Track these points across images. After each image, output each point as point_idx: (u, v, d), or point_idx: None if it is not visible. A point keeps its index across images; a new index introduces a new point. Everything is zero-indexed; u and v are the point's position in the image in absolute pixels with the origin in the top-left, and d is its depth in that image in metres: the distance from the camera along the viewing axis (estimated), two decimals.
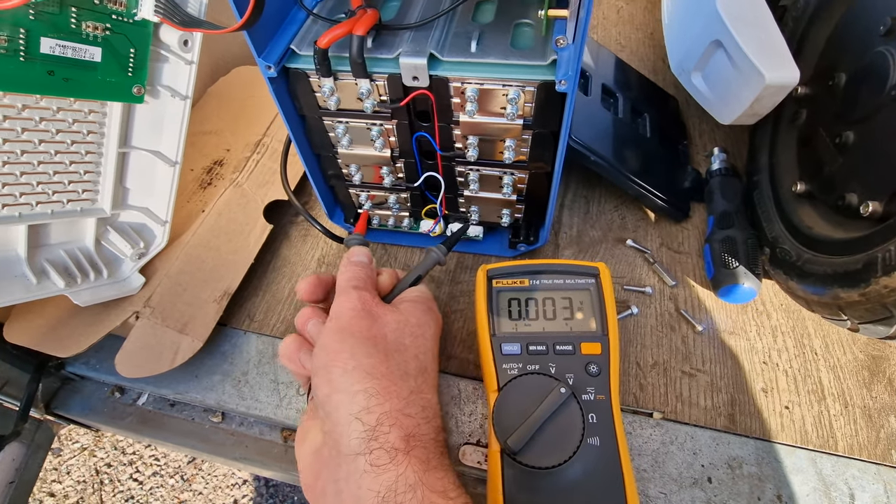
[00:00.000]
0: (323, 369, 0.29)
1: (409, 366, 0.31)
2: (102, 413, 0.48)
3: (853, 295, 0.31)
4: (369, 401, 0.28)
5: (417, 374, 0.31)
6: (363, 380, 0.28)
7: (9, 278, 0.37)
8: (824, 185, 0.38)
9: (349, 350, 0.29)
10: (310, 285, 0.36)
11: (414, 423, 0.28)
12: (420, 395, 0.30)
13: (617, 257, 0.48)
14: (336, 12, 0.37)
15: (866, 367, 0.40)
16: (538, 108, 0.34)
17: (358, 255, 0.37)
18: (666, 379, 0.40)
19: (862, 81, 0.35)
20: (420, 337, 0.33)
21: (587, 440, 0.33)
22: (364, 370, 0.28)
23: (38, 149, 0.36)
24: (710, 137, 0.57)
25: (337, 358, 0.29)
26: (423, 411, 0.29)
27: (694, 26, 0.47)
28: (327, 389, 0.29)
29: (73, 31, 0.33)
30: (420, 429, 0.28)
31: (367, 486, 0.25)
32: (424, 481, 0.26)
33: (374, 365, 0.29)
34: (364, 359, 0.29)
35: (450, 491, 0.26)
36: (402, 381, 0.29)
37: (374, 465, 0.26)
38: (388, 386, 0.28)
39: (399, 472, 0.26)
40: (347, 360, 0.29)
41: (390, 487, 0.25)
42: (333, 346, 0.30)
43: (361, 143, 0.40)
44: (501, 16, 0.35)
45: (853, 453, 0.36)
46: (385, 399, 0.28)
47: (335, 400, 0.28)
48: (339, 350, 0.29)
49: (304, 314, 0.35)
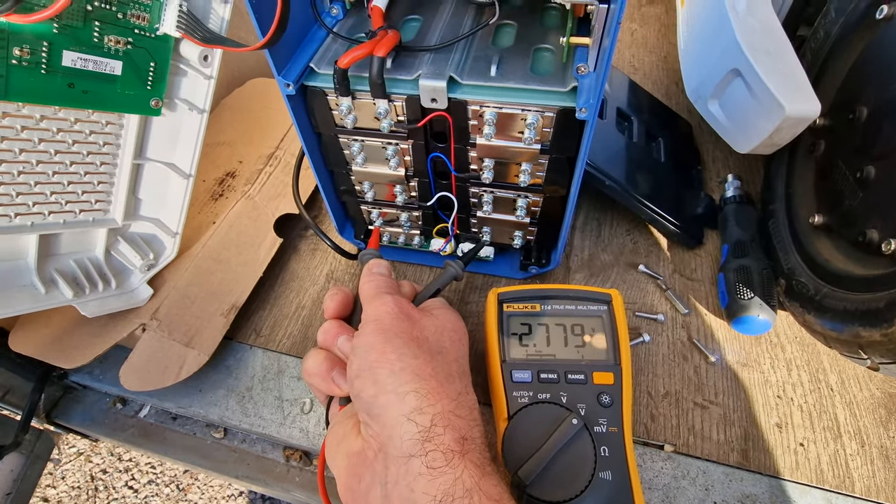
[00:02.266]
0: (368, 370, 0.28)
1: (451, 368, 0.30)
2: (103, 424, 0.47)
3: (875, 334, 0.30)
4: (421, 401, 0.26)
5: (461, 376, 0.31)
6: (412, 380, 0.27)
7: (17, 288, 0.37)
8: (844, 218, 0.38)
9: (395, 351, 0.28)
10: (339, 303, 0.35)
11: (466, 426, 0.27)
12: (467, 396, 0.29)
13: (628, 283, 0.47)
14: (355, 31, 0.37)
15: (883, 406, 0.39)
16: (556, 133, 0.34)
17: (378, 266, 0.36)
18: (678, 410, 0.39)
19: (884, 116, 0.35)
20: (458, 341, 0.33)
21: (599, 474, 0.32)
22: (412, 371, 0.28)
23: (53, 159, 0.36)
24: (723, 164, 0.57)
25: (383, 358, 0.28)
26: (471, 413, 0.29)
27: (712, 54, 0.47)
28: (374, 391, 0.27)
29: (96, 45, 0.33)
30: (472, 431, 0.27)
31: (422, 490, 0.24)
32: (481, 486, 0.25)
33: (420, 366, 0.28)
34: (410, 359, 0.28)
35: (505, 500, 0.25)
36: (448, 383, 0.29)
37: (430, 468, 0.25)
38: (437, 387, 0.28)
39: (456, 476, 0.25)
40: (394, 361, 0.28)
41: (447, 491, 0.24)
42: (378, 346, 0.29)
43: (376, 161, 0.40)
44: (521, 41, 0.35)
45: (870, 495, 0.35)
46: (436, 399, 0.27)
47: (383, 401, 0.27)
48: (385, 350, 0.28)
49: (332, 330, 0.34)
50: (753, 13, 0.43)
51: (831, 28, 0.42)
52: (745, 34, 0.42)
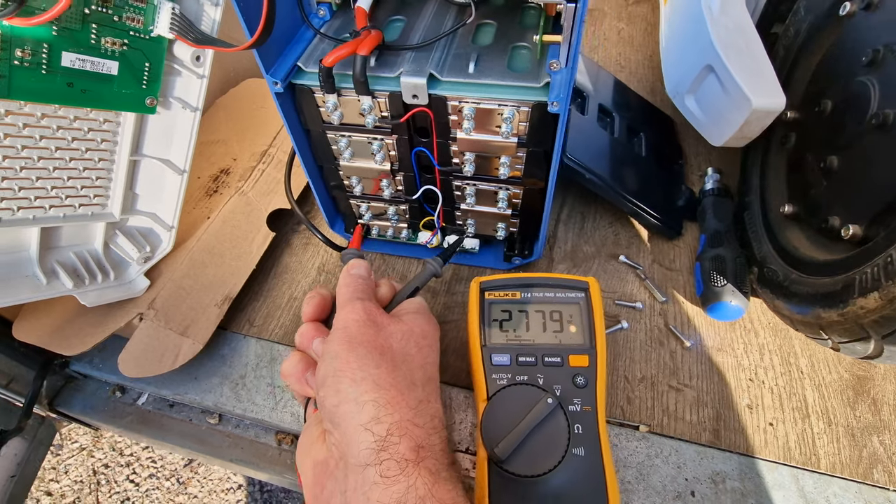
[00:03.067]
0: (332, 379, 0.29)
1: (415, 375, 0.31)
2: (103, 412, 0.49)
3: (832, 315, 0.32)
4: (378, 411, 0.27)
5: (424, 383, 0.31)
6: (372, 390, 0.28)
7: (20, 278, 0.39)
8: (810, 207, 0.39)
9: (358, 360, 0.29)
10: (316, 307, 0.36)
11: (423, 434, 0.28)
12: (428, 404, 0.30)
13: (609, 272, 0.49)
14: (342, 32, 0.39)
15: (851, 387, 0.40)
16: (532, 127, 0.36)
17: (357, 267, 0.37)
18: (653, 393, 0.41)
19: (846, 109, 0.36)
20: (425, 347, 0.33)
21: (572, 450, 0.33)
22: (373, 380, 0.28)
23: (54, 155, 0.37)
24: (705, 158, 0.58)
25: (346, 368, 0.29)
26: (431, 421, 0.29)
27: (689, 51, 0.49)
28: (335, 400, 0.28)
29: (93, 46, 0.34)
30: (430, 439, 0.28)
31: (377, 498, 0.25)
32: (434, 493, 0.26)
33: (381, 375, 0.29)
34: (372, 369, 0.29)
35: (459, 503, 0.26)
36: (409, 392, 0.29)
37: (384, 477, 0.25)
38: (397, 396, 0.28)
39: (409, 484, 0.25)
40: (356, 371, 0.29)
41: (400, 500, 0.25)
42: (343, 355, 0.29)
43: (363, 156, 0.42)
44: (500, 39, 0.37)
45: (835, 471, 0.36)
46: (394, 409, 0.28)
47: (343, 410, 0.28)
48: (348, 360, 0.29)
49: (308, 333, 0.34)
50: (727, 13, 0.45)
51: (801, 25, 0.44)
52: (719, 32, 0.44)
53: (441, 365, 0.43)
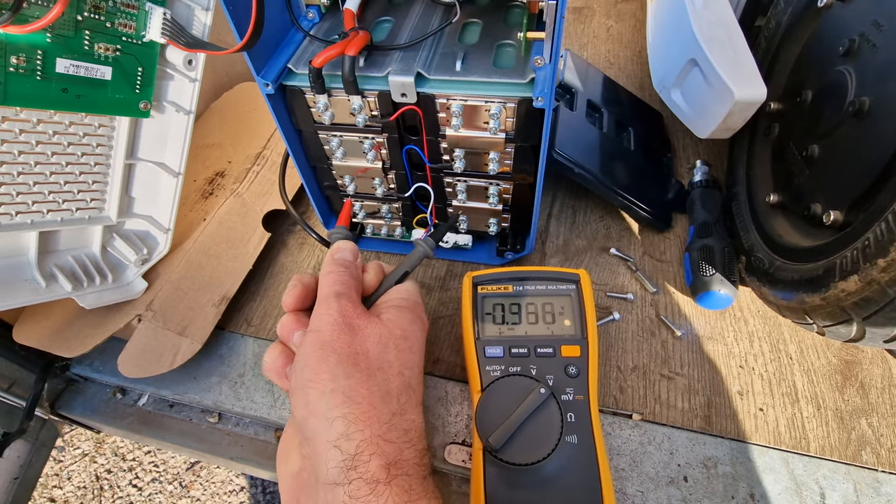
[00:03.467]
0: (301, 390, 0.28)
1: (391, 384, 0.29)
2: (104, 413, 0.49)
3: (815, 299, 0.33)
4: (348, 427, 0.26)
5: (401, 392, 0.30)
6: (342, 404, 0.27)
7: (19, 282, 0.39)
8: (794, 195, 0.40)
9: (328, 370, 0.28)
10: (297, 298, 0.34)
11: (396, 450, 0.27)
12: (403, 416, 0.29)
13: (601, 265, 0.50)
14: (331, 34, 0.40)
15: (839, 372, 0.41)
16: (519, 122, 0.37)
17: (342, 251, 0.34)
18: (645, 382, 0.42)
19: (825, 98, 0.37)
20: (406, 350, 0.31)
21: (565, 438, 0.34)
22: (343, 393, 0.27)
23: (50, 160, 0.38)
24: (693, 151, 0.59)
25: (316, 379, 0.27)
26: (405, 435, 0.28)
27: (673, 46, 0.49)
28: (304, 412, 0.27)
29: (87, 52, 0.35)
30: (402, 454, 0.27)
31: None
32: None
33: (353, 387, 0.27)
34: (343, 380, 0.27)
35: None
36: (383, 404, 0.28)
37: (354, 497, 0.25)
38: (369, 410, 0.27)
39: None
40: (326, 382, 0.27)
41: None
42: (312, 364, 0.28)
43: (354, 155, 0.43)
44: (486, 37, 0.38)
45: (824, 454, 0.37)
46: (365, 425, 0.26)
47: (312, 425, 0.27)
48: (318, 370, 0.28)
49: (288, 324, 0.33)
50: (710, 7, 0.46)
51: (781, 17, 0.44)
52: (701, 26, 0.44)
53: (435, 359, 0.44)
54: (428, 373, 0.44)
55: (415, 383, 0.31)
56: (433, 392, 0.43)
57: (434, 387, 0.43)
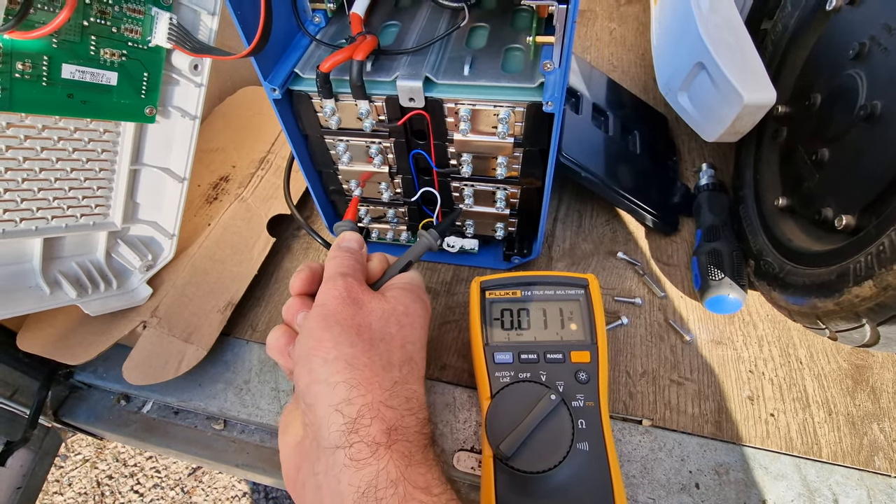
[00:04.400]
0: (304, 358, 0.28)
1: (393, 356, 0.30)
2: (108, 421, 0.49)
3: (829, 304, 0.33)
4: (350, 392, 0.27)
5: (402, 363, 0.30)
6: (344, 370, 0.27)
7: (23, 289, 0.39)
8: (803, 199, 0.40)
9: (332, 339, 0.28)
10: (304, 281, 0.34)
11: (397, 416, 0.27)
12: (405, 385, 0.29)
13: (608, 269, 0.49)
14: (338, 38, 0.39)
15: (850, 376, 0.41)
16: (527, 127, 0.36)
17: (348, 240, 0.35)
18: (655, 387, 0.41)
19: (834, 102, 0.37)
20: (408, 326, 0.32)
21: (577, 445, 0.34)
22: (345, 360, 0.27)
23: (55, 166, 0.38)
24: (698, 154, 0.59)
25: (319, 347, 0.28)
26: (406, 402, 0.28)
27: (680, 49, 0.49)
28: (307, 379, 0.28)
29: (92, 58, 0.35)
30: (403, 421, 0.27)
31: (347, 481, 0.25)
32: (407, 476, 0.25)
33: (356, 355, 0.28)
34: (346, 348, 0.28)
35: (433, 487, 0.26)
36: (385, 372, 0.28)
37: (354, 460, 0.25)
38: (370, 377, 0.27)
39: (380, 467, 0.25)
40: (329, 350, 0.28)
41: (370, 483, 0.25)
42: (316, 333, 0.29)
43: (361, 159, 0.42)
44: (493, 41, 0.37)
45: (837, 460, 0.37)
46: (367, 390, 0.27)
47: (315, 390, 0.27)
48: (321, 338, 0.28)
49: (293, 305, 0.34)
50: (716, 10, 0.46)
51: (788, 21, 0.44)
52: (708, 30, 0.44)
53: (442, 364, 0.44)
54: (435, 378, 0.43)
55: (417, 358, 0.32)
56: (441, 398, 0.42)
57: (442, 393, 0.42)
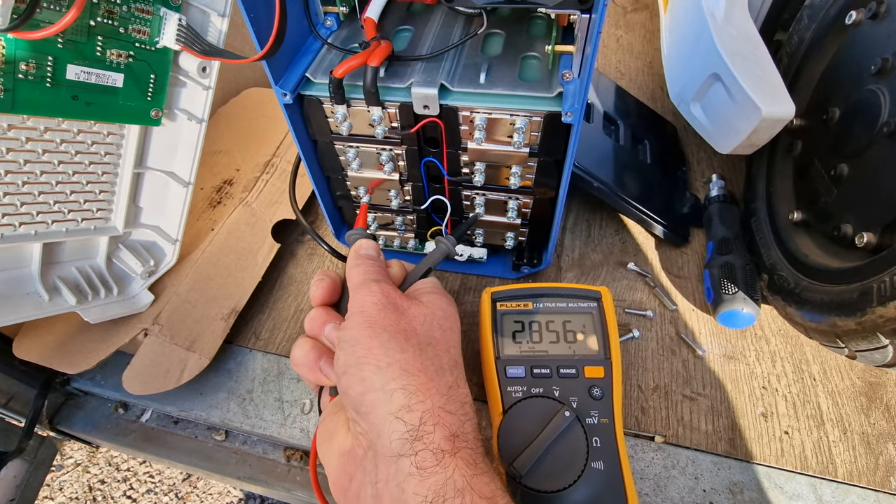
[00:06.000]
0: (354, 367, 0.27)
1: (442, 360, 0.29)
2: (105, 429, 0.48)
3: (850, 323, 0.32)
4: (409, 398, 0.26)
5: (452, 368, 0.29)
6: (400, 377, 0.26)
7: (21, 295, 0.38)
8: (820, 214, 0.39)
9: (382, 346, 0.27)
10: (326, 289, 0.33)
11: (457, 421, 0.26)
12: (458, 390, 0.28)
13: (618, 280, 0.49)
14: (349, 41, 0.39)
15: (864, 394, 0.40)
16: (544, 137, 0.36)
17: (366, 248, 0.34)
18: (667, 402, 0.41)
19: (855, 117, 0.37)
20: (449, 330, 0.31)
21: (591, 464, 0.33)
22: (399, 366, 0.27)
23: (57, 169, 0.37)
24: (708, 164, 0.58)
25: (369, 354, 0.27)
26: (462, 407, 0.28)
27: (693, 59, 0.49)
28: (361, 388, 0.27)
29: (99, 59, 0.34)
30: (463, 427, 0.27)
31: (413, 490, 0.24)
32: (473, 486, 0.24)
33: (408, 360, 0.27)
34: (398, 354, 0.27)
35: (498, 497, 0.25)
36: (438, 377, 0.28)
37: (420, 468, 0.24)
38: (426, 382, 0.27)
39: (447, 476, 0.24)
40: (381, 357, 0.27)
41: (438, 492, 0.24)
42: (364, 341, 0.28)
43: (371, 166, 0.42)
44: (509, 49, 0.37)
45: (852, 480, 0.36)
46: (425, 396, 0.26)
47: (370, 399, 0.26)
48: (370, 346, 0.27)
49: (319, 317, 0.32)
50: (731, 20, 0.45)
51: (805, 33, 0.44)
52: (724, 40, 0.44)
53: None
54: None
55: (460, 361, 0.31)
56: None
57: None
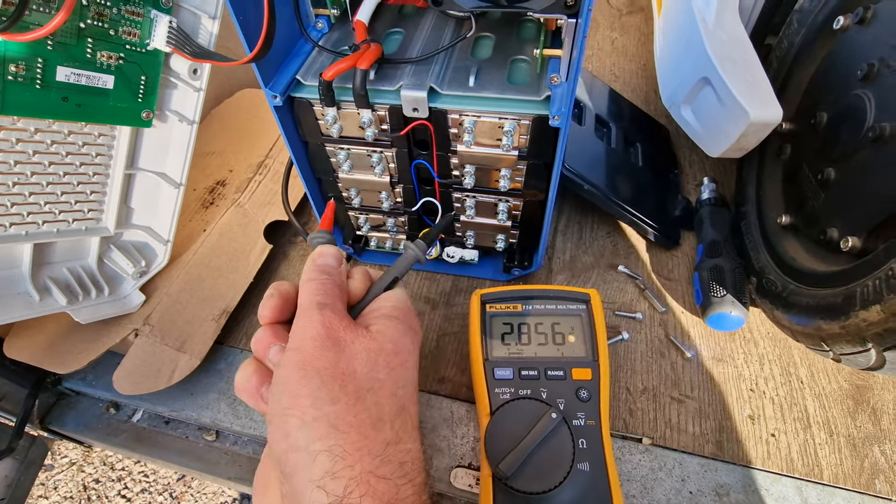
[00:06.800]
0: (279, 418, 0.24)
1: (383, 409, 0.26)
2: (96, 429, 0.48)
3: (834, 327, 0.32)
4: (334, 463, 0.23)
5: (394, 417, 0.26)
6: (327, 435, 0.23)
7: (12, 296, 0.38)
8: (807, 218, 0.39)
9: (310, 394, 0.24)
10: (273, 310, 0.29)
11: (391, 488, 0.23)
12: (398, 446, 0.25)
13: (608, 283, 0.49)
14: (340, 44, 0.39)
15: (851, 397, 0.40)
16: (532, 140, 0.36)
17: (324, 256, 0.30)
18: (655, 404, 0.41)
19: (841, 122, 0.37)
20: (398, 367, 0.27)
21: (577, 466, 0.33)
22: (328, 421, 0.23)
23: (47, 170, 0.37)
24: (699, 167, 0.59)
25: (295, 405, 0.24)
26: (400, 469, 0.24)
27: (684, 62, 0.49)
28: (284, 445, 0.24)
29: (89, 61, 0.34)
30: (399, 493, 0.23)
31: None
32: None
33: (340, 413, 0.24)
34: (328, 406, 0.24)
35: None
36: (375, 432, 0.24)
37: None
38: (358, 441, 0.24)
39: None
40: (307, 409, 0.24)
41: None
42: (292, 387, 0.24)
43: (362, 168, 0.42)
44: (499, 52, 0.37)
45: (838, 482, 0.36)
46: (354, 459, 0.23)
47: (293, 460, 0.23)
48: (298, 394, 0.24)
49: (264, 338, 0.29)
50: (722, 24, 0.46)
51: (794, 38, 0.44)
52: (714, 45, 0.44)
53: (440, 378, 0.43)
54: (433, 392, 0.43)
55: (409, 404, 0.28)
56: (438, 412, 0.41)
57: (439, 407, 0.42)
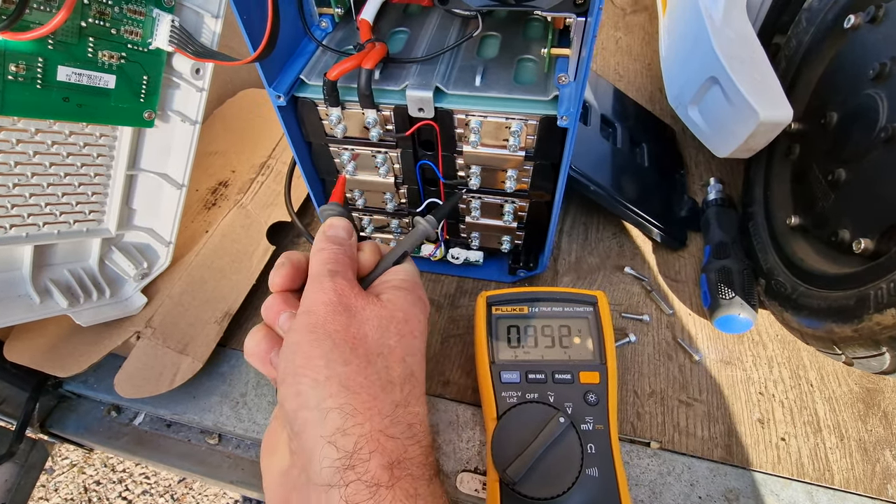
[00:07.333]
0: (292, 377, 0.25)
1: (393, 373, 0.26)
2: (98, 433, 0.47)
3: (846, 330, 0.32)
4: (345, 420, 0.23)
5: (403, 381, 0.26)
6: (338, 394, 0.24)
7: (12, 298, 0.37)
8: (817, 219, 0.39)
9: (322, 355, 0.24)
10: (285, 277, 0.29)
11: (399, 447, 0.24)
12: (406, 408, 0.26)
13: (615, 284, 0.48)
14: (344, 43, 0.38)
15: (861, 400, 0.40)
16: (540, 140, 0.35)
17: (335, 227, 0.30)
18: (663, 408, 0.40)
19: (853, 122, 0.36)
20: (408, 335, 0.28)
21: (586, 471, 0.33)
22: (339, 381, 0.24)
23: (48, 171, 0.36)
24: (706, 167, 0.58)
25: (308, 365, 0.24)
26: (409, 430, 0.25)
27: (691, 62, 0.49)
28: (295, 404, 0.24)
29: (90, 60, 0.34)
30: (407, 452, 0.24)
31: None
32: None
33: (351, 374, 0.24)
34: (340, 366, 0.24)
35: None
36: (384, 394, 0.25)
37: (350, 502, 0.22)
38: (368, 401, 0.24)
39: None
40: (320, 369, 0.24)
41: None
42: (304, 348, 0.25)
43: (366, 169, 0.41)
44: (505, 51, 0.36)
45: (849, 487, 0.36)
46: (365, 418, 0.24)
47: (303, 417, 0.24)
48: (310, 355, 0.25)
49: (274, 305, 0.29)
50: (729, 23, 0.45)
51: (803, 37, 0.44)
52: (722, 44, 0.44)
53: (445, 380, 0.43)
54: (438, 395, 0.42)
55: (418, 371, 0.28)
56: (444, 416, 0.41)
57: (445, 410, 0.41)
